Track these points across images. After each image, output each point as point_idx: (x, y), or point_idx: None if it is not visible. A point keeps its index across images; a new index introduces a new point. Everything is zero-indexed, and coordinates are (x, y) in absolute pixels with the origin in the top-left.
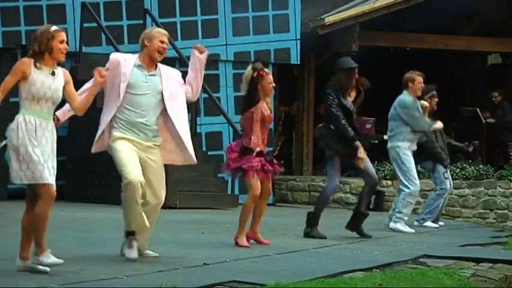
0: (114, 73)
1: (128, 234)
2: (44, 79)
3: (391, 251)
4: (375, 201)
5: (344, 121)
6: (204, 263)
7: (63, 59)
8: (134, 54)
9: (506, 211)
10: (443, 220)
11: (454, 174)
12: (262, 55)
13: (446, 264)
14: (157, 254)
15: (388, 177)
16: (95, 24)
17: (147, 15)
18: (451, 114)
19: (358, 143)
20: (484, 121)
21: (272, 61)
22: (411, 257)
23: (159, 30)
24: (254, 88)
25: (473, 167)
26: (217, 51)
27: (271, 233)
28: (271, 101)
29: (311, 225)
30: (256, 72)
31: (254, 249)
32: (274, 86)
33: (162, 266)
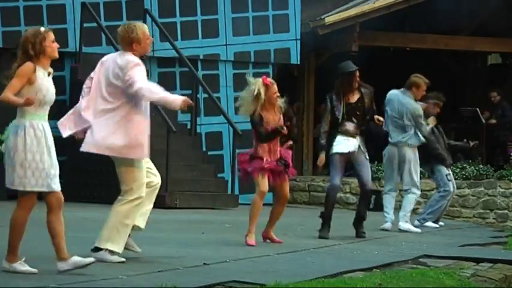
0: None
1: (99, 249)
2: (47, 84)
3: (391, 251)
4: (375, 201)
5: (323, 131)
6: (204, 263)
7: (57, 55)
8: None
9: (506, 211)
10: (443, 220)
11: (454, 174)
12: (262, 55)
13: (446, 264)
14: (140, 250)
15: None
16: (95, 24)
17: (147, 15)
18: (451, 114)
19: (321, 151)
20: (484, 121)
21: (272, 61)
22: (411, 257)
23: (143, 30)
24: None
25: (473, 167)
26: (217, 51)
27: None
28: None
29: (322, 224)
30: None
31: (254, 249)
32: (278, 95)
33: (162, 266)
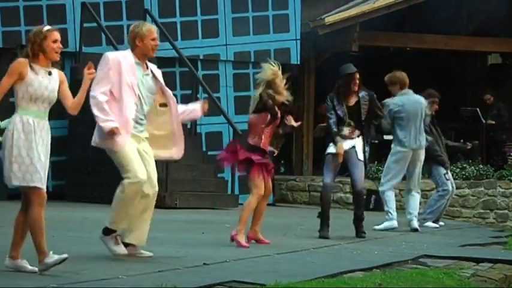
0: (118, 72)
1: (110, 232)
2: (41, 80)
3: (391, 251)
4: (375, 201)
5: (332, 121)
6: (204, 263)
7: (58, 58)
8: (127, 51)
9: (506, 211)
10: (443, 220)
11: (454, 174)
12: (262, 55)
13: (446, 264)
14: (151, 254)
15: None
16: (95, 24)
17: (147, 15)
18: (451, 114)
19: (339, 138)
20: (484, 121)
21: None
22: (411, 257)
23: (149, 28)
24: (271, 103)
25: (473, 167)
26: (217, 51)
27: (271, 233)
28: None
29: (320, 225)
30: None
31: (254, 249)
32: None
33: (162, 266)
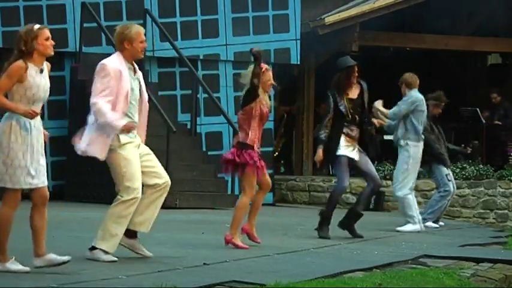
0: (116, 81)
1: (95, 248)
2: (39, 81)
3: (391, 251)
4: (375, 202)
5: (326, 122)
6: (204, 263)
7: (52, 53)
8: (118, 55)
9: (506, 211)
10: (443, 220)
11: (454, 174)
12: (262, 55)
13: (446, 264)
14: (151, 255)
15: (388, 177)
16: (95, 24)
17: (147, 15)
18: (451, 114)
19: (319, 145)
20: (484, 121)
21: (272, 61)
22: (411, 257)
23: (137, 31)
24: (257, 82)
25: (473, 167)
26: (217, 51)
27: (271, 233)
28: (271, 99)
29: (321, 225)
30: (260, 65)
31: (254, 249)
32: (272, 83)
33: (162, 266)
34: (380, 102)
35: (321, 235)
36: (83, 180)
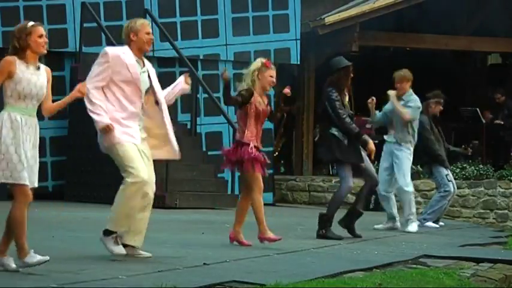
0: (117, 67)
1: (110, 233)
2: (30, 77)
3: (391, 251)
4: (375, 201)
5: (348, 119)
6: (204, 263)
7: (45, 51)
8: (126, 47)
9: (506, 211)
10: (443, 220)
11: (454, 174)
12: (262, 55)
13: (446, 264)
14: (150, 255)
15: None
16: (95, 24)
17: (147, 15)
18: (451, 114)
19: (366, 136)
20: (484, 121)
21: (272, 61)
22: (411, 257)
23: (142, 22)
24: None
25: (473, 167)
26: (217, 51)
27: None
28: (271, 98)
29: (325, 227)
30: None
31: (254, 249)
32: (274, 81)
33: (162, 266)
34: (394, 92)
35: (328, 235)
36: (83, 180)
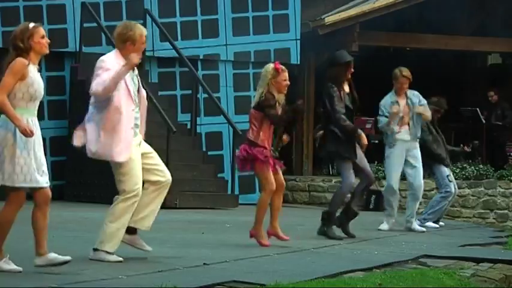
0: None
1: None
2: (39, 79)
3: (391, 251)
4: (375, 201)
5: (344, 115)
6: (204, 263)
7: (48, 51)
8: (116, 53)
9: (506, 211)
10: (443, 220)
11: (454, 174)
12: (262, 55)
13: (446, 264)
14: (151, 249)
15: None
16: (95, 24)
17: (147, 15)
18: (451, 114)
19: (360, 130)
20: (484, 121)
21: (272, 61)
22: (411, 257)
23: (141, 32)
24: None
25: (473, 167)
26: (217, 51)
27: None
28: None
29: (327, 225)
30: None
31: (254, 249)
32: (288, 83)
33: (162, 266)
34: (421, 108)
35: (329, 235)
36: (83, 180)
